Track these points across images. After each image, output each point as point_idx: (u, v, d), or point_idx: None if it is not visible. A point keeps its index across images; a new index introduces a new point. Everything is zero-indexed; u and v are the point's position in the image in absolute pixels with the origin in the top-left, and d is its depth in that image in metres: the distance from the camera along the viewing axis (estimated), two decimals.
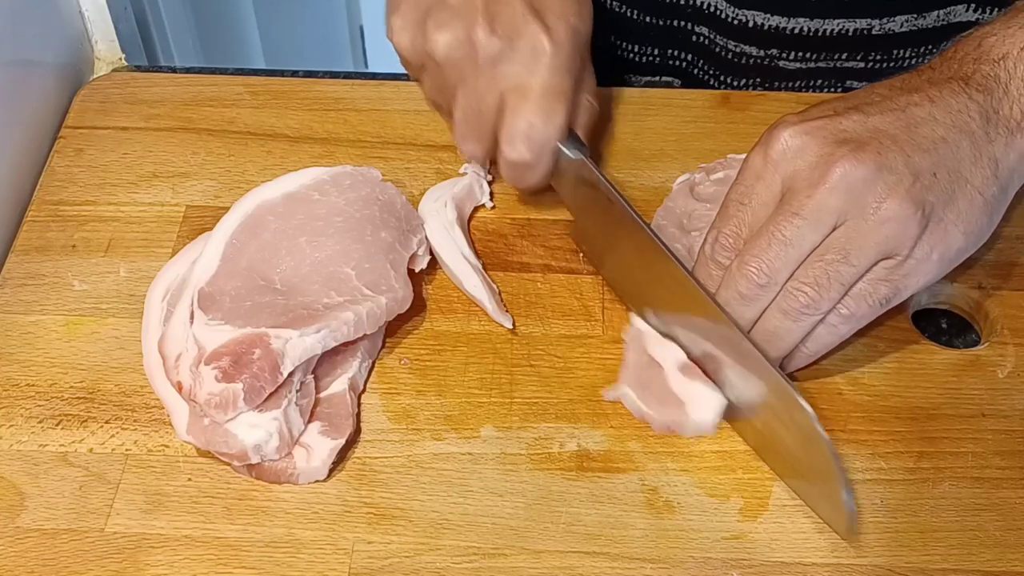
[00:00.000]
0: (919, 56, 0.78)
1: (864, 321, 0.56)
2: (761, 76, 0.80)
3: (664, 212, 0.67)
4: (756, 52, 0.78)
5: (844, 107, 0.57)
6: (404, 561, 0.55)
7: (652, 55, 0.83)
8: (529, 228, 0.68)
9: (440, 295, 0.65)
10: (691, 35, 0.80)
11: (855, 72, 0.79)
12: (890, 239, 0.54)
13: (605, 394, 0.60)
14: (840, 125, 0.56)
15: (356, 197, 0.64)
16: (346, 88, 0.76)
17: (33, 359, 0.62)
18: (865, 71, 0.79)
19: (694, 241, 0.64)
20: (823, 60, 0.78)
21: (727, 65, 0.80)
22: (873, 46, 0.77)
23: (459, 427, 0.59)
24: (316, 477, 0.57)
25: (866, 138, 0.55)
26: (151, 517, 0.56)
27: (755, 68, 0.79)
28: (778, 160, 0.56)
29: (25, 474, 0.58)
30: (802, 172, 0.55)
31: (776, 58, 0.78)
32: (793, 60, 0.78)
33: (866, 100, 0.57)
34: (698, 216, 0.66)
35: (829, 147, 0.55)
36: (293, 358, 0.56)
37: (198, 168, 0.72)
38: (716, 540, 0.55)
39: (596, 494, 0.57)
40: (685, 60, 0.82)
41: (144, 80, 0.78)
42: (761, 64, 0.79)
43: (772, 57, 0.78)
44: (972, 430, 0.59)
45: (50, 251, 0.67)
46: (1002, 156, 0.56)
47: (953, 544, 0.55)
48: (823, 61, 0.78)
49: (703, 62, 0.81)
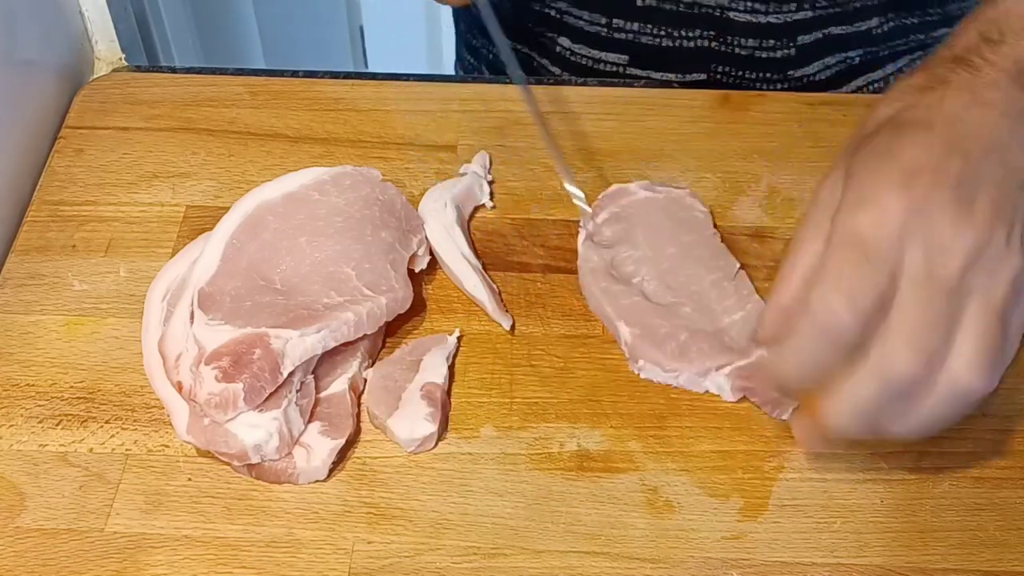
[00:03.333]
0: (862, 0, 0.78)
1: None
2: (714, 30, 0.79)
3: (588, 273, 0.64)
4: (707, 1, 0.78)
5: (942, 149, 0.49)
6: (404, 561, 0.55)
7: (598, 24, 0.82)
8: (529, 228, 0.68)
9: (440, 295, 0.65)
10: (636, 0, 0.79)
11: (803, 25, 0.79)
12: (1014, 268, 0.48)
13: None
14: (947, 181, 0.48)
15: (356, 197, 0.64)
16: (346, 88, 0.76)
17: (33, 359, 0.62)
18: (813, 20, 0.79)
19: (640, 286, 0.63)
20: (772, 14, 0.78)
21: (676, 19, 0.79)
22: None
23: (459, 427, 0.59)
24: (316, 477, 0.57)
25: (964, 185, 0.48)
26: (151, 517, 0.56)
27: (705, 20, 0.79)
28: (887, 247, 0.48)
29: (25, 474, 0.58)
30: (939, 252, 0.48)
31: (726, 8, 0.78)
32: (743, 12, 0.78)
33: (958, 132, 0.50)
34: (619, 262, 0.64)
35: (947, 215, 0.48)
36: (293, 358, 0.56)
37: (198, 168, 0.72)
38: (716, 540, 0.55)
39: (596, 494, 0.57)
40: (632, 31, 0.81)
41: (144, 80, 0.78)
42: (712, 16, 0.78)
43: (722, 8, 0.78)
44: (972, 430, 0.59)
45: (50, 251, 0.67)
46: None
47: (953, 544, 0.55)
48: (772, 15, 0.78)
49: (651, 27, 0.81)
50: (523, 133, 0.73)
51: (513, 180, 0.71)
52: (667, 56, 0.81)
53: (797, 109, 0.74)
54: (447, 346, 0.62)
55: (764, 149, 0.72)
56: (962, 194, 0.48)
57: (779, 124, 0.73)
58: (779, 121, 0.74)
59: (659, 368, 0.60)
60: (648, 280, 0.64)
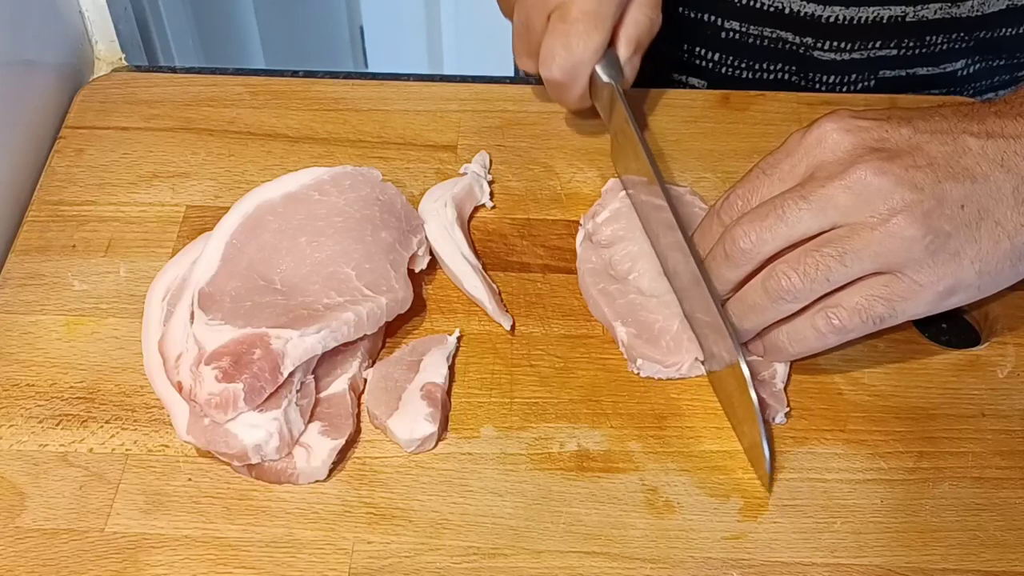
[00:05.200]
0: (951, 42, 0.78)
1: (853, 335, 0.57)
2: (796, 65, 0.80)
3: (587, 274, 0.64)
4: (792, 39, 0.78)
5: (898, 117, 0.57)
6: (404, 561, 0.55)
7: (680, 50, 0.82)
8: (529, 228, 0.68)
9: (440, 295, 0.65)
10: (720, 31, 0.80)
11: (888, 61, 0.79)
12: (890, 253, 0.54)
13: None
14: (884, 132, 0.56)
15: (356, 197, 0.64)
16: (346, 88, 0.76)
17: (33, 359, 0.62)
18: (898, 58, 0.79)
19: (636, 281, 0.64)
20: (857, 50, 0.78)
21: (760, 53, 0.80)
22: (906, 33, 0.77)
23: (459, 427, 0.59)
24: (316, 477, 0.57)
25: (903, 151, 0.55)
26: (151, 517, 0.56)
27: (789, 55, 0.79)
28: (812, 145, 0.57)
29: (25, 474, 0.58)
30: (827, 163, 0.55)
31: (811, 48, 0.78)
32: (828, 50, 0.78)
33: (923, 116, 0.57)
34: (618, 260, 0.65)
35: (862, 149, 0.55)
36: (293, 358, 0.56)
37: (198, 168, 0.72)
38: (716, 540, 0.55)
39: (596, 494, 0.57)
40: (712, 60, 0.82)
41: (144, 80, 0.78)
42: (796, 52, 0.79)
43: (807, 46, 0.78)
44: (972, 430, 0.59)
45: (50, 251, 0.67)
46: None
47: (953, 544, 0.55)
48: (857, 52, 0.78)
49: (732, 58, 0.81)
50: (523, 133, 0.73)
51: (513, 180, 0.71)
52: (747, 87, 0.81)
53: (797, 109, 0.74)
54: (447, 346, 0.62)
55: (764, 149, 0.71)
56: (889, 146, 0.54)
57: (779, 124, 0.73)
58: (779, 121, 0.74)
59: (659, 365, 0.60)
60: (643, 274, 0.64)
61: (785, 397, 0.60)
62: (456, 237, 0.65)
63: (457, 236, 0.65)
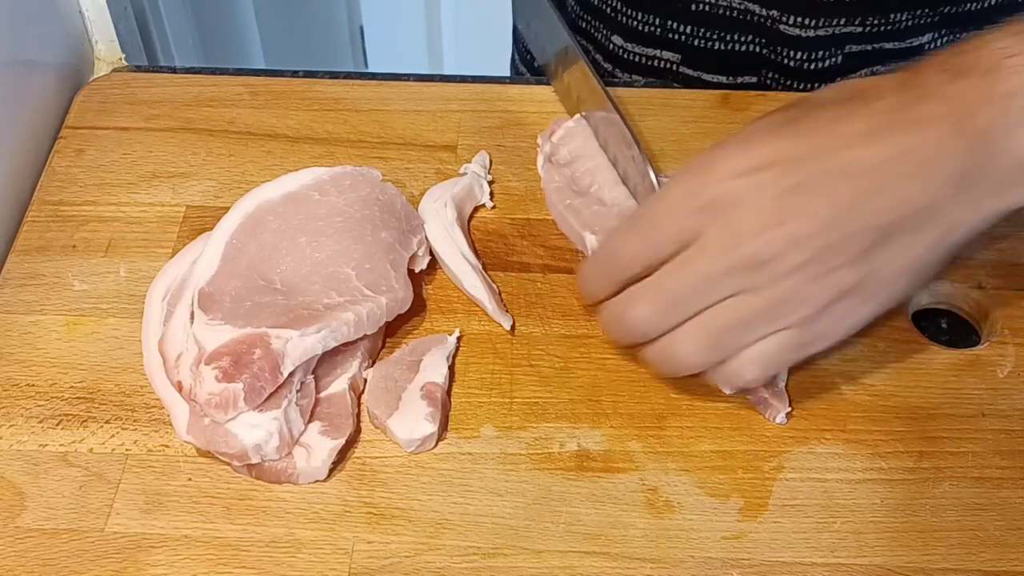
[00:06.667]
0: (915, 18, 0.78)
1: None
2: (765, 38, 0.80)
3: (555, 192, 0.68)
4: (759, 10, 0.78)
5: (795, 154, 0.52)
6: (404, 561, 0.55)
7: (652, 24, 0.82)
8: (529, 228, 0.68)
9: (440, 295, 0.65)
10: (691, 3, 0.80)
11: (854, 36, 0.79)
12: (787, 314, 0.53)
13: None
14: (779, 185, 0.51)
15: (356, 197, 0.64)
16: (346, 88, 0.76)
17: (33, 359, 0.62)
18: (864, 35, 0.79)
19: (598, 193, 0.67)
20: (822, 27, 0.78)
21: (729, 24, 0.80)
22: (871, 10, 0.77)
23: (459, 427, 0.59)
24: (316, 477, 0.57)
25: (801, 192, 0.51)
26: (151, 517, 0.56)
27: (758, 27, 0.79)
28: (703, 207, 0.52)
29: (25, 474, 0.58)
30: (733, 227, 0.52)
31: (777, 20, 0.78)
32: (793, 26, 0.78)
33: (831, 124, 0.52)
34: (579, 177, 0.68)
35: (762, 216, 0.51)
36: (293, 358, 0.56)
37: (198, 168, 0.72)
38: (716, 540, 0.55)
39: (596, 494, 0.57)
40: (684, 33, 0.82)
41: (144, 80, 0.78)
42: (763, 25, 0.79)
43: (773, 19, 0.78)
44: (972, 430, 0.59)
45: (50, 251, 0.67)
46: (963, 220, 0.52)
47: (953, 544, 0.55)
48: (822, 28, 0.78)
49: (703, 30, 0.81)
50: (523, 133, 0.73)
51: (513, 180, 0.71)
52: (719, 58, 0.82)
53: None
54: (447, 346, 0.62)
55: None
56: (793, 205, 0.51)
57: None
58: None
59: None
60: (602, 186, 0.66)
61: (787, 396, 0.60)
62: (456, 237, 0.65)
63: (457, 236, 0.65)
